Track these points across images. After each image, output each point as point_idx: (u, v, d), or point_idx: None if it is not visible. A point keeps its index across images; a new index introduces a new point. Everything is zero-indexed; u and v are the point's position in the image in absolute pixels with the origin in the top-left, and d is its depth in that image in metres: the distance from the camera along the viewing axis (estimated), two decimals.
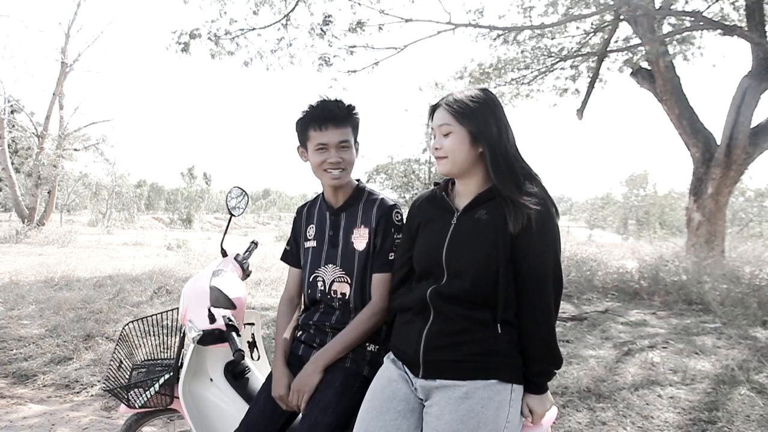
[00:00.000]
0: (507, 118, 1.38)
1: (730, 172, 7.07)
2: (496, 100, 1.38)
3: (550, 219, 1.33)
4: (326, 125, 1.60)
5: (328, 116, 1.60)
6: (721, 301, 5.03)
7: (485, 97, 1.37)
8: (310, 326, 1.71)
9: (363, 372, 1.57)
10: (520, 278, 1.31)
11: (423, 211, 1.49)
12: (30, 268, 8.48)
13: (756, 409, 2.85)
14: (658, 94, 7.88)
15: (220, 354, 1.88)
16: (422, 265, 1.42)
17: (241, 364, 1.93)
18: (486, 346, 1.29)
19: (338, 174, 1.63)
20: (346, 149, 1.64)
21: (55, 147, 21.42)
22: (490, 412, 1.23)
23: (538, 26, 7.73)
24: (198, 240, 19.83)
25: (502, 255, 1.28)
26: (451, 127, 1.34)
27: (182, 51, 7.34)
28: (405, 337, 1.39)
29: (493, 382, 1.26)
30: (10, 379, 3.66)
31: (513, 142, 1.38)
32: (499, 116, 1.36)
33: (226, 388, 1.85)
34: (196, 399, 1.84)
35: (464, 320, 1.30)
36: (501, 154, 1.33)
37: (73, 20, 20.91)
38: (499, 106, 1.38)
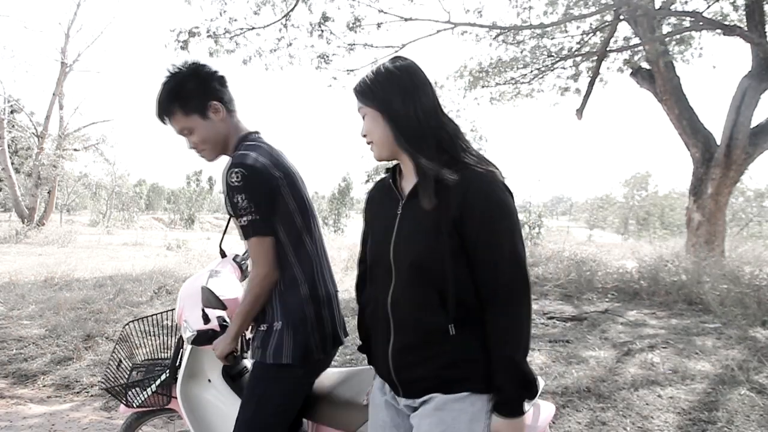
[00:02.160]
0: (421, 82, 1.19)
1: (730, 173, 7.07)
2: (402, 68, 1.19)
3: (495, 192, 1.12)
4: (164, 120, 1.54)
5: (159, 114, 1.54)
6: (721, 302, 5.03)
7: (388, 67, 1.20)
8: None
9: (267, 360, 1.46)
10: (475, 277, 1.13)
11: (374, 201, 1.35)
12: (30, 268, 8.48)
13: (756, 409, 2.85)
14: (658, 94, 7.89)
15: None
16: (372, 265, 1.29)
17: (239, 364, 1.93)
18: (451, 357, 1.15)
19: (200, 156, 1.57)
20: (190, 134, 1.53)
21: (55, 147, 21.41)
22: (463, 425, 1.13)
23: (538, 26, 7.73)
24: (198, 240, 19.82)
25: (447, 246, 1.11)
26: (363, 109, 1.22)
27: (181, 48, 7.34)
28: (376, 357, 1.29)
29: (464, 394, 1.14)
30: (10, 380, 3.66)
31: (429, 107, 1.18)
32: (405, 84, 1.17)
33: (224, 389, 1.84)
34: (195, 400, 1.84)
35: (423, 330, 1.16)
36: (407, 123, 1.16)
37: (73, 20, 20.92)
38: (408, 73, 1.19)
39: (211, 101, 1.51)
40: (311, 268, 1.49)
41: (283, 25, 7.64)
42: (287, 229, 1.46)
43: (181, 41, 7.33)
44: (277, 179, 1.43)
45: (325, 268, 1.56)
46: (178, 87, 1.49)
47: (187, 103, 1.49)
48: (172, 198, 66.09)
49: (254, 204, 1.38)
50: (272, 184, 1.42)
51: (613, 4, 6.85)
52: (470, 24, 7.38)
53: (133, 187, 40.88)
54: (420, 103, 1.17)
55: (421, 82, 1.19)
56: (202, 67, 1.53)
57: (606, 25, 7.98)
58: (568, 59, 8.57)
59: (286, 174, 1.47)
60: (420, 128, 1.16)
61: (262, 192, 1.40)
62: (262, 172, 1.40)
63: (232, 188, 1.39)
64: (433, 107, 1.19)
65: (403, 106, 1.16)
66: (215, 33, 7.41)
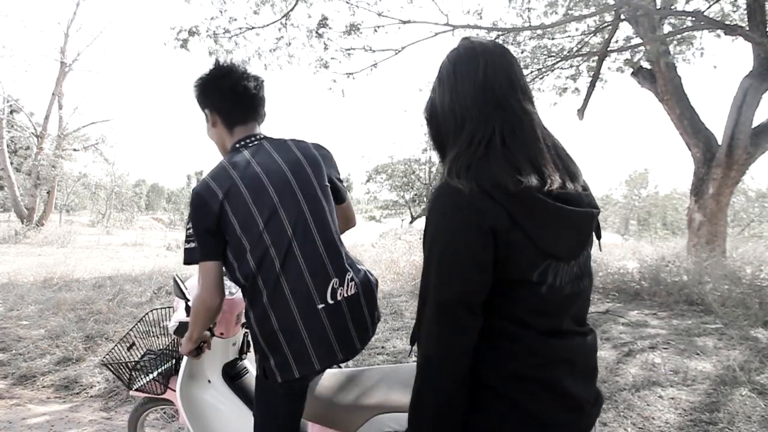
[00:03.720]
0: (457, 70, 0.96)
1: (731, 173, 7.06)
2: (453, 54, 1.00)
3: (433, 202, 0.90)
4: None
5: None
6: (722, 302, 5.01)
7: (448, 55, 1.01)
8: None
9: (266, 389, 1.44)
10: None
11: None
12: (29, 268, 8.47)
13: (757, 410, 2.84)
14: (658, 94, 7.88)
15: (217, 356, 1.88)
16: None
17: (238, 365, 1.95)
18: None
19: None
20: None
21: (55, 147, 21.42)
22: None
23: (538, 27, 7.72)
24: None
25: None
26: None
27: (181, 47, 7.34)
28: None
29: None
30: (10, 380, 3.65)
31: (451, 100, 0.96)
32: (440, 73, 1.00)
33: (224, 390, 1.85)
34: (194, 401, 1.84)
35: None
36: (434, 121, 1.01)
37: (72, 20, 20.94)
38: (451, 61, 0.99)
39: (205, 108, 1.53)
40: (258, 291, 1.37)
41: (283, 24, 7.64)
42: (234, 251, 1.39)
43: (181, 40, 7.33)
44: (219, 201, 1.35)
45: (287, 287, 1.36)
46: (197, 85, 1.52)
47: (199, 101, 1.55)
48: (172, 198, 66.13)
49: (195, 231, 1.37)
50: (213, 209, 1.35)
51: (613, 4, 6.84)
52: (470, 26, 7.36)
53: (132, 188, 40.89)
54: (449, 95, 1.00)
55: (458, 69, 0.98)
56: (218, 74, 1.50)
57: (606, 25, 7.97)
58: (568, 59, 8.56)
59: (229, 192, 1.36)
60: (437, 126, 1.03)
61: (202, 218, 1.36)
62: (205, 199, 1.36)
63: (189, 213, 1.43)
64: (455, 100, 0.99)
65: (434, 95, 1.03)
66: (215, 32, 7.41)
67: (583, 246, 0.93)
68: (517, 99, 0.93)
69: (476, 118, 0.92)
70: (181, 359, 1.86)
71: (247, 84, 1.49)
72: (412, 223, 22.86)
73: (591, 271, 0.98)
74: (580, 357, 0.95)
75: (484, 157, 0.88)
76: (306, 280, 1.36)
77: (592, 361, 0.99)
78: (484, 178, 0.86)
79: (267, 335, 1.37)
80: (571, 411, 0.91)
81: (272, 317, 1.35)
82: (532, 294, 0.88)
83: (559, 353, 0.90)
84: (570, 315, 0.93)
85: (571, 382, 0.90)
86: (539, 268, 0.87)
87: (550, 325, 0.91)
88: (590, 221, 0.93)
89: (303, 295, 1.36)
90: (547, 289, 0.88)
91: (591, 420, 0.95)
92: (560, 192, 0.88)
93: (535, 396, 0.89)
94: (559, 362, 0.90)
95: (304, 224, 1.39)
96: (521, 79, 0.96)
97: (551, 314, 0.91)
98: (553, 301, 0.89)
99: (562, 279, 0.89)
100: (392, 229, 19.46)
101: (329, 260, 1.41)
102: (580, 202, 0.92)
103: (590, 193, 0.98)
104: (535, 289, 0.88)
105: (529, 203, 0.85)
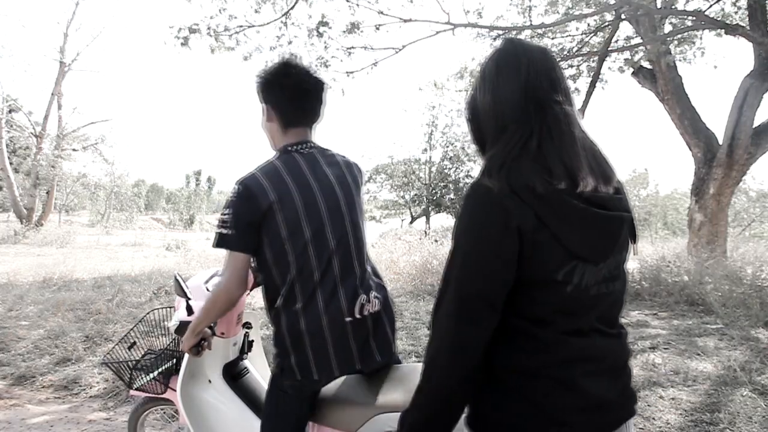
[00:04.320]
0: (500, 70, 0.97)
1: (732, 173, 7.05)
2: (496, 54, 1.00)
3: (465, 199, 0.92)
4: None
5: None
6: (723, 302, 5.01)
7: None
8: None
9: (281, 387, 1.49)
10: None
11: None
12: (28, 268, 8.46)
13: (758, 410, 2.83)
14: (659, 94, 7.88)
15: (218, 355, 1.88)
16: None
17: (239, 365, 1.94)
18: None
19: None
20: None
21: (54, 147, 21.42)
22: None
23: (539, 26, 7.72)
24: (197, 240, 19.82)
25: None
26: None
27: (182, 45, 7.34)
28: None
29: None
30: (9, 380, 3.63)
31: (493, 101, 0.97)
32: (482, 73, 1.01)
33: (225, 390, 1.85)
34: (195, 400, 1.84)
35: None
36: (475, 121, 1.03)
37: (72, 19, 20.95)
38: (494, 61, 0.99)
39: (265, 104, 1.54)
40: (295, 295, 1.43)
41: (283, 23, 7.63)
42: (275, 254, 1.43)
43: (182, 38, 7.32)
44: (270, 202, 1.39)
45: (321, 296, 1.43)
46: (262, 77, 1.53)
47: (258, 93, 1.56)
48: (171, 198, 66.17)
49: (234, 220, 1.39)
50: (261, 207, 1.39)
51: (614, 3, 6.84)
52: (470, 25, 7.36)
53: (131, 187, 40.88)
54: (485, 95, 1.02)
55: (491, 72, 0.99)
56: (288, 73, 1.51)
57: (607, 25, 7.97)
58: (568, 59, 8.56)
59: (283, 198, 1.40)
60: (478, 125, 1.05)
61: (246, 211, 1.39)
62: (255, 194, 1.39)
63: (226, 201, 1.44)
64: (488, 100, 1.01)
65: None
66: (215, 30, 7.40)
67: (612, 249, 0.93)
68: (558, 101, 0.94)
69: (516, 119, 0.93)
70: (182, 359, 1.86)
71: (309, 87, 1.51)
72: (412, 224, 22.86)
73: (624, 275, 1.00)
74: (605, 357, 0.95)
75: (518, 158, 0.90)
76: (339, 295, 1.44)
77: (619, 362, 1.00)
78: (515, 179, 0.87)
79: (294, 335, 1.42)
80: (586, 410, 0.91)
81: (302, 321, 1.41)
82: (556, 293, 0.89)
83: (578, 352, 0.91)
84: (596, 316, 0.94)
85: (591, 382, 0.91)
86: (565, 268, 0.88)
87: (573, 324, 0.91)
88: (620, 225, 0.94)
89: (334, 308, 1.43)
90: (572, 289, 0.89)
91: (613, 420, 0.95)
92: (591, 195, 0.89)
93: (548, 393, 0.89)
94: (577, 361, 0.91)
95: (345, 243, 1.47)
96: (563, 81, 0.97)
97: (574, 314, 0.91)
98: (577, 300, 0.90)
99: (589, 280, 0.90)
100: (392, 229, 19.44)
101: (360, 278, 1.49)
102: (611, 206, 0.93)
103: (623, 197, 0.99)
104: (560, 288, 0.89)
105: (557, 205, 0.87)
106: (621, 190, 0.99)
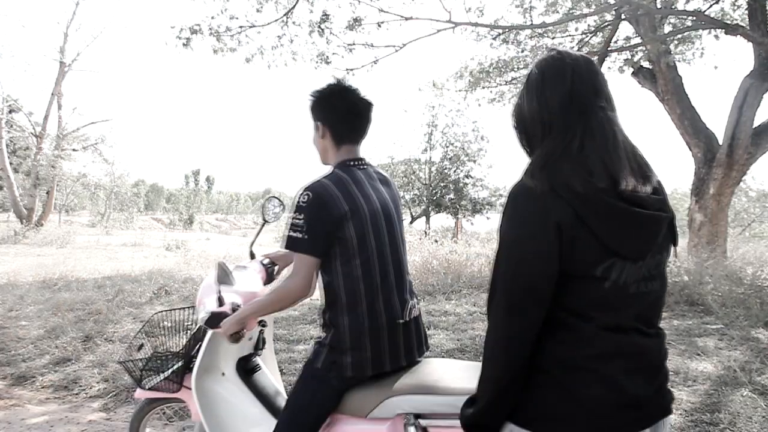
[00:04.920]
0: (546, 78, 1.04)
1: (732, 173, 7.05)
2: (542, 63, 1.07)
3: (508, 198, 1.00)
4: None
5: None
6: (723, 303, 5.01)
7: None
8: None
9: (317, 364, 1.59)
10: None
11: None
12: (28, 268, 8.46)
13: (758, 410, 2.83)
14: (659, 94, 7.87)
15: (233, 349, 1.93)
16: None
17: (252, 360, 2.00)
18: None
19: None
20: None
21: (54, 147, 21.42)
22: None
23: (539, 26, 7.72)
24: (197, 241, 19.81)
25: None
26: None
27: (183, 46, 7.34)
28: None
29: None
30: (9, 381, 3.64)
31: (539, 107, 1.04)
32: (528, 81, 1.10)
33: (237, 383, 1.91)
34: (207, 392, 1.88)
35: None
36: (521, 126, 1.12)
37: (72, 19, 20.94)
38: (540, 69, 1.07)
39: (318, 122, 1.67)
40: (359, 298, 1.56)
41: (284, 23, 7.63)
42: (343, 260, 1.55)
43: (183, 38, 7.32)
44: (343, 212, 1.51)
45: (381, 300, 1.59)
46: (317, 96, 1.66)
47: (312, 111, 1.68)
48: (171, 198, 66.15)
49: (308, 225, 1.49)
50: (334, 215, 1.51)
51: (614, 3, 6.84)
52: (471, 24, 7.36)
53: (131, 188, 40.87)
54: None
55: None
56: (343, 95, 1.64)
57: (607, 25, 7.97)
58: None
59: (354, 210, 1.54)
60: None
61: (320, 218, 1.50)
62: (327, 203, 1.51)
63: (296, 206, 1.54)
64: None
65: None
66: (217, 30, 7.40)
67: (651, 248, 0.97)
68: (601, 107, 0.99)
69: (561, 125, 0.99)
70: (194, 359, 1.88)
71: (361, 108, 1.65)
72: (412, 224, 22.84)
73: (664, 275, 1.03)
74: (642, 355, 0.98)
75: (560, 159, 0.96)
76: (394, 299, 1.62)
77: (655, 361, 1.02)
78: (555, 178, 0.93)
79: (356, 335, 1.55)
80: (623, 407, 0.94)
81: (366, 321, 1.55)
82: (595, 288, 0.93)
83: (617, 348, 0.95)
84: (634, 314, 0.97)
85: (628, 379, 0.94)
86: (604, 264, 0.92)
87: (612, 320, 0.95)
88: (658, 224, 0.97)
89: (392, 310, 1.60)
90: (610, 285, 0.93)
91: (647, 417, 0.98)
92: (630, 194, 0.93)
93: (589, 386, 0.93)
94: (616, 356, 0.94)
95: (398, 253, 1.67)
96: (606, 88, 1.03)
97: (613, 310, 0.95)
98: (616, 297, 0.94)
99: (627, 277, 0.94)
100: None
101: (408, 285, 1.71)
102: (650, 205, 0.96)
103: (663, 198, 1.02)
104: (599, 283, 0.93)
105: (595, 203, 0.91)
106: (660, 191, 1.02)
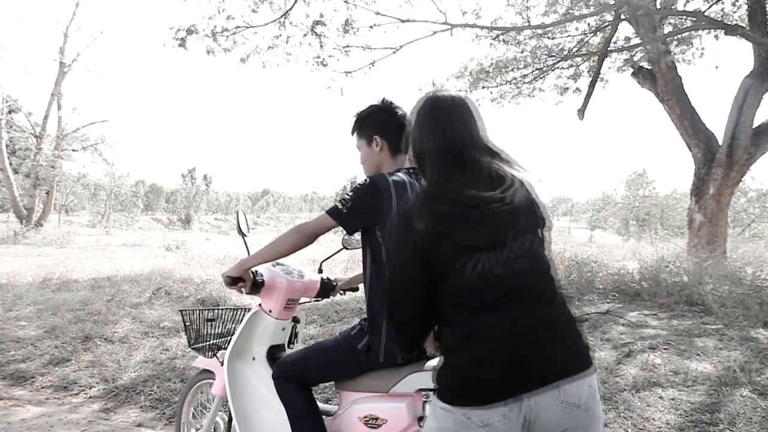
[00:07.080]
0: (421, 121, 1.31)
1: (731, 173, 7.05)
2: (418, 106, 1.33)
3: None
4: (353, 133, 1.92)
5: (352, 127, 1.91)
6: (723, 303, 5.00)
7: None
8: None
9: (357, 344, 1.68)
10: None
11: None
12: (28, 269, 8.46)
13: (758, 411, 2.83)
14: (659, 94, 7.87)
15: (266, 335, 2.03)
16: None
17: (282, 351, 2.08)
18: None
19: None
20: (360, 152, 1.88)
21: (53, 147, 21.41)
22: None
23: (538, 26, 7.72)
24: (197, 241, 19.81)
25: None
26: None
27: (179, 46, 7.33)
28: None
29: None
30: (8, 381, 3.64)
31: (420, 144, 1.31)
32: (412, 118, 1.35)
33: (266, 368, 1.98)
34: (237, 375, 1.99)
35: None
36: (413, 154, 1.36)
37: (72, 20, 20.93)
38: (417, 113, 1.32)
39: (376, 136, 1.81)
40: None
41: (281, 23, 7.62)
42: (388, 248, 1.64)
43: (179, 39, 7.32)
44: (391, 204, 1.59)
45: None
46: (366, 115, 1.84)
47: (362, 129, 1.85)
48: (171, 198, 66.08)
49: (352, 203, 1.61)
50: (380, 200, 1.60)
51: (613, 3, 6.84)
52: (467, 25, 7.35)
53: (131, 188, 40.85)
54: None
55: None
56: (392, 111, 1.81)
57: (606, 25, 7.97)
58: (568, 59, 8.56)
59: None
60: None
61: (366, 201, 1.60)
62: (380, 192, 1.60)
63: (356, 186, 1.66)
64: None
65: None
66: (213, 31, 7.40)
67: (507, 235, 1.14)
68: (468, 148, 1.21)
69: (433, 163, 1.22)
70: (231, 339, 2.02)
71: (405, 121, 1.78)
72: None
73: (534, 252, 1.17)
74: (513, 326, 1.11)
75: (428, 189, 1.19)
76: None
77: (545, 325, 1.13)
78: (419, 201, 1.18)
79: (372, 320, 1.64)
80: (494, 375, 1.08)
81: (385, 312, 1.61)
82: (459, 278, 1.13)
83: (486, 328, 1.11)
84: (502, 292, 1.12)
85: (493, 352, 1.09)
86: (462, 258, 1.12)
87: (481, 303, 1.12)
88: (509, 216, 1.14)
89: None
90: (470, 273, 1.12)
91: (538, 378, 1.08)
92: (477, 201, 1.13)
93: (461, 361, 1.12)
94: (485, 335, 1.10)
95: None
96: (475, 128, 1.24)
97: (481, 293, 1.12)
98: (480, 282, 1.12)
99: (486, 264, 1.12)
100: None
101: None
102: (501, 204, 1.14)
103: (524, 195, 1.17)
104: (460, 274, 1.12)
105: (446, 215, 1.14)
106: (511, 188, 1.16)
